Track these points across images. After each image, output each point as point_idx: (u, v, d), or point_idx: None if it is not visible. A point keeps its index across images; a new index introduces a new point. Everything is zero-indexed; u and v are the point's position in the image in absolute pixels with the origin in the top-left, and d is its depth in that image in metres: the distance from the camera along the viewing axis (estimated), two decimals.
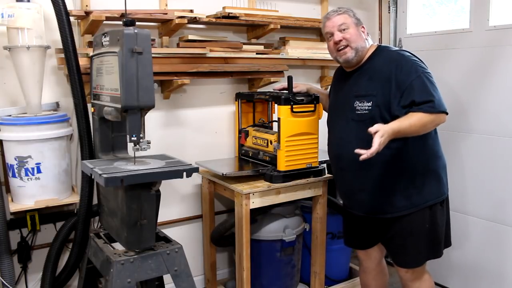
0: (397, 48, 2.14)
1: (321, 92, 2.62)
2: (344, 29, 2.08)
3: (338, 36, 2.09)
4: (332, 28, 2.10)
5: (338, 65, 2.28)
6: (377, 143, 1.80)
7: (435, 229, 2.11)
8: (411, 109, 1.94)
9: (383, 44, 2.21)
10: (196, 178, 2.89)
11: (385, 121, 1.96)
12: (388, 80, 1.99)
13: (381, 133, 1.82)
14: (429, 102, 1.93)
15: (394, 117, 1.97)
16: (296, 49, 3.00)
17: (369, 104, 2.02)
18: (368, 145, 1.83)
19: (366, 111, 2.04)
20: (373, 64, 2.09)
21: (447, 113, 1.98)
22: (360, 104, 2.05)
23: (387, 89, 1.99)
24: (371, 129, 1.84)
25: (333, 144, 2.24)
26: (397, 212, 2.09)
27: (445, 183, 2.16)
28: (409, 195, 2.06)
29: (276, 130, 2.53)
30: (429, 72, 2.00)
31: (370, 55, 2.12)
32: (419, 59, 2.07)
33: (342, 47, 2.09)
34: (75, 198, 2.34)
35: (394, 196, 2.07)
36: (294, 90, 2.50)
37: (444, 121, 2.00)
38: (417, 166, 2.05)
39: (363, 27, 2.14)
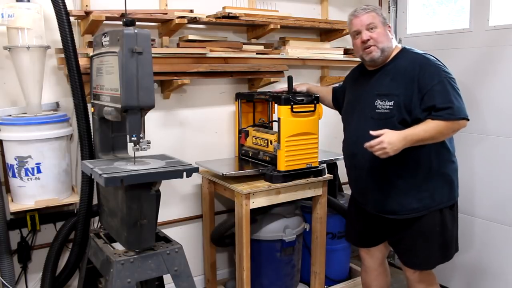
0: (422, 52, 2.09)
1: (320, 90, 2.62)
2: (372, 28, 2.06)
3: (366, 35, 2.06)
4: (360, 27, 2.07)
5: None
6: (378, 143, 1.88)
7: (445, 232, 2.10)
8: (430, 115, 1.94)
9: (408, 46, 2.17)
10: (196, 178, 2.89)
11: (404, 122, 1.96)
12: (412, 81, 1.98)
13: (385, 141, 1.87)
14: (448, 109, 1.92)
15: (415, 120, 1.96)
16: (296, 49, 3.00)
17: (391, 103, 2.00)
18: None
19: (387, 110, 2.02)
20: (397, 64, 2.07)
21: (467, 119, 1.97)
22: (381, 103, 2.04)
23: (410, 90, 1.98)
24: (374, 133, 1.90)
25: (348, 141, 2.22)
26: (408, 214, 2.07)
27: (456, 188, 2.13)
28: (422, 198, 2.05)
29: (276, 130, 2.53)
30: (452, 78, 1.99)
31: (395, 55, 2.10)
32: (443, 64, 2.05)
33: (369, 46, 2.07)
34: (75, 198, 2.35)
35: (407, 197, 2.06)
36: (295, 89, 2.49)
37: (465, 127, 1.98)
38: (431, 169, 2.04)
39: (389, 26, 2.11)
